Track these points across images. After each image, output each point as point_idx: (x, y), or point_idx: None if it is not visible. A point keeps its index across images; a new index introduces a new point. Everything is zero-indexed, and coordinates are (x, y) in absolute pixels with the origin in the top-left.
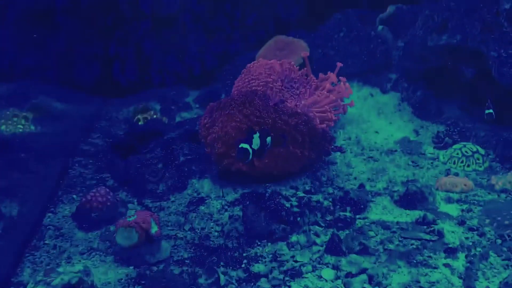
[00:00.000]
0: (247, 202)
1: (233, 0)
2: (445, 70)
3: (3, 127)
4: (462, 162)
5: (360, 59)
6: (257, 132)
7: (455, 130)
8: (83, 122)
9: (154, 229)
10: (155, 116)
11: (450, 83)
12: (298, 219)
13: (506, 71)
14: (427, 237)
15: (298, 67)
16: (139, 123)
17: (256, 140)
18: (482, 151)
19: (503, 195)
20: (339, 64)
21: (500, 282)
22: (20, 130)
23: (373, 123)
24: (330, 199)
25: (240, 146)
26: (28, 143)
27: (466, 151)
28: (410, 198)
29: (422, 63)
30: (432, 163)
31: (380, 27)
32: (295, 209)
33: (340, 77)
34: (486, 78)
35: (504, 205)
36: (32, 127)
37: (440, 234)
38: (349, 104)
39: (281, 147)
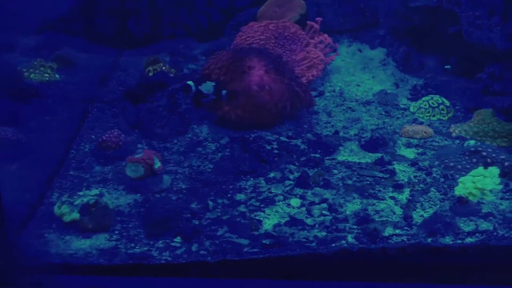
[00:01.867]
0: (234, 145)
1: None
2: (427, 28)
3: (32, 75)
4: (428, 112)
5: (351, 17)
6: (214, 82)
7: (432, 83)
8: (102, 72)
9: (157, 165)
10: (164, 68)
11: (432, 40)
12: (276, 159)
13: (473, 31)
14: (381, 175)
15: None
16: (150, 74)
17: (208, 86)
18: (447, 103)
19: (457, 141)
20: (319, 19)
21: (434, 212)
22: (46, 78)
23: (357, 77)
24: (306, 143)
25: (187, 82)
26: (53, 90)
27: (432, 103)
28: (373, 143)
29: (406, 22)
30: (403, 113)
31: None
32: (276, 151)
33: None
34: (460, 37)
35: (454, 150)
36: (57, 76)
37: (392, 173)
38: (331, 58)
39: (266, 101)
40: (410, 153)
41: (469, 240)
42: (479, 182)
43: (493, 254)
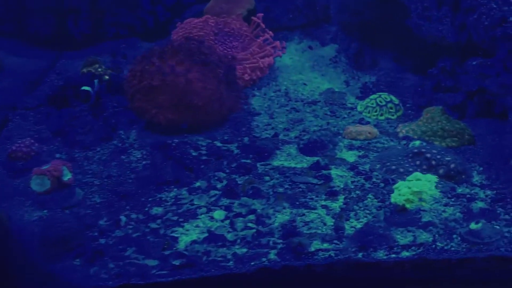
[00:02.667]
0: (155, 152)
1: None
2: (379, 23)
3: None
4: (376, 111)
5: (301, 13)
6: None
7: (385, 80)
8: (33, 76)
9: (67, 177)
10: (99, 70)
11: (385, 36)
12: (203, 166)
13: (422, 24)
14: (315, 181)
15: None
16: None
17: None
18: (396, 101)
19: (403, 142)
20: (260, 15)
21: (366, 223)
22: None
23: (305, 75)
24: (241, 148)
25: (82, 88)
26: None
27: (380, 101)
28: (311, 146)
29: (356, 16)
30: (349, 113)
31: None
32: (204, 157)
33: (268, 30)
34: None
35: (398, 152)
36: None
37: (328, 178)
38: (277, 55)
39: (195, 101)
40: (351, 156)
41: (405, 254)
42: (415, 187)
43: (431, 269)
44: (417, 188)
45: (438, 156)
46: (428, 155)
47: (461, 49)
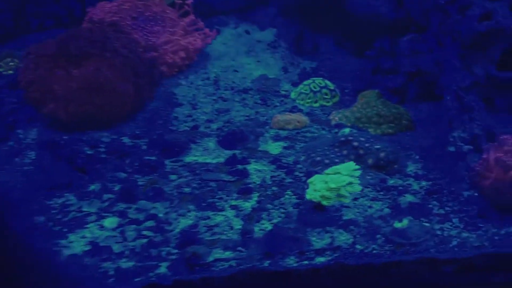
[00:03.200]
0: (43, 152)
1: None
2: (321, 5)
3: None
4: (309, 98)
5: None
6: None
7: (326, 65)
8: None
9: None
10: (11, 64)
11: (326, 18)
12: (98, 165)
13: (355, 0)
14: (228, 178)
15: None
16: None
17: None
18: (331, 86)
19: (335, 130)
20: (190, 1)
21: (275, 225)
22: None
23: (238, 62)
24: (151, 144)
25: None
26: None
27: (314, 87)
28: (230, 138)
29: None
30: (282, 100)
31: None
32: (103, 156)
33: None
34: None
35: (326, 141)
36: None
37: (244, 174)
38: (206, 42)
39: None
40: (275, 148)
41: (319, 260)
42: (332, 182)
43: (350, 276)
44: (334, 183)
45: (367, 144)
46: (356, 144)
47: (399, 26)
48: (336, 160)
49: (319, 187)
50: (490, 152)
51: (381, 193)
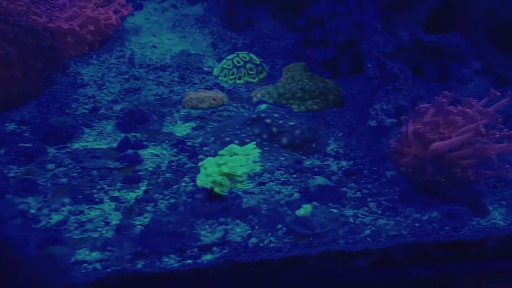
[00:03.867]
0: None
1: None
2: None
3: None
4: (233, 74)
5: None
6: None
7: (261, 41)
8: None
9: None
10: None
11: None
12: None
13: None
14: (114, 164)
15: None
16: None
17: None
18: (257, 60)
19: (263, 106)
20: None
21: (151, 218)
22: None
23: (159, 37)
24: (34, 129)
25: None
26: None
27: (237, 61)
28: (127, 120)
29: None
30: (203, 78)
31: None
32: None
33: None
34: None
35: (238, 120)
36: None
37: (135, 160)
38: (122, 14)
39: None
40: (184, 129)
41: (206, 258)
42: (226, 165)
43: (244, 276)
44: (227, 167)
45: (281, 121)
46: (268, 121)
47: None
48: (247, 140)
49: (210, 171)
50: (408, 124)
51: (294, 175)
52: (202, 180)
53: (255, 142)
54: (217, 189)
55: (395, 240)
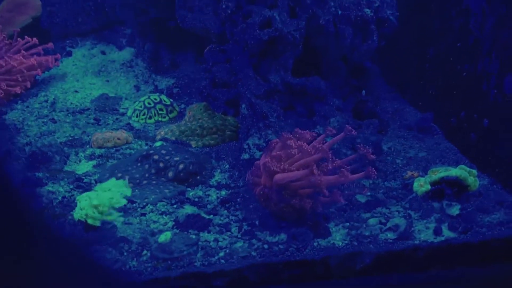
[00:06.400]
0: None
1: None
2: (172, 22)
3: None
4: (144, 114)
5: (90, 15)
6: None
7: (182, 82)
8: None
9: None
10: None
11: (185, 36)
12: None
13: (184, 15)
14: None
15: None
16: None
17: None
18: (167, 101)
19: (158, 143)
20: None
21: None
22: None
23: (83, 82)
24: None
25: None
26: None
27: (148, 103)
28: (31, 160)
29: (144, 16)
30: (117, 119)
31: None
32: None
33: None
34: None
35: (133, 157)
36: None
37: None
38: (48, 64)
39: None
40: (84, 167)
41: None
42: (95, 198)
43: None
44: (97, 200)
45: (167, 157)
46: (156, 157)
47: (225, 38)
48: (137, 175)
49: (83, 205)
50: (261, 158)
51: (174, 206)
52: (77, 213)
53: (137, 177)
54: (90, 221)
55: (246, 260)
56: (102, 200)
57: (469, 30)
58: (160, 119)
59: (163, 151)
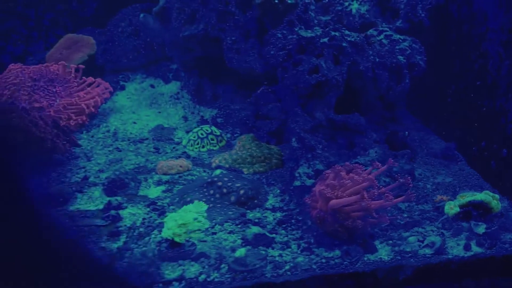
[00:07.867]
0: None
1: (25, 1)
2: (215, 58)
3: None
4: (197, 144)
5: (140, 53)
6: None
7: (224, 113)
8: None
9: None
10: None
11: (225, 70)
12: None
13: (233, 56)
14: (101, 222)
15: (73, 65)
16: None
17: None
18: (217, 132)
19: (217, 171)
20: (81, 67)
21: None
22: None
23: (138, 114)
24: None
25: None
26: None
27: (201, 133)
28: (110, 186)
29: (189, 53)
30: (174, 147)
31: (141, 15)
32: None
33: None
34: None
35: (198, 183)
36: None
37: (116, 218)
38: (105, 97)
39: None
40: (155, 192)
41: None
42: (180, 219)
43: None
44: (182, 220)
45: (229, 184)
46: (220, 184)
47: (269, 78)
48: (204, 200)
49: (170, 225)
50: (316, 185)
51: (239, 226)
52: (165, 232)
53: (204, 201)
54: (176, 239)
55: (307, 272)
56: (186, 220)
57: (488, 71)
58: (211, 147)
59: (226, 179)
